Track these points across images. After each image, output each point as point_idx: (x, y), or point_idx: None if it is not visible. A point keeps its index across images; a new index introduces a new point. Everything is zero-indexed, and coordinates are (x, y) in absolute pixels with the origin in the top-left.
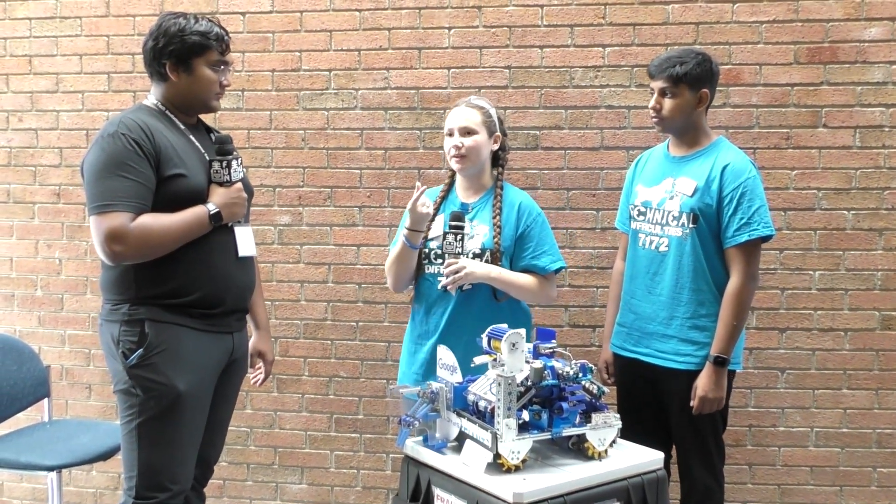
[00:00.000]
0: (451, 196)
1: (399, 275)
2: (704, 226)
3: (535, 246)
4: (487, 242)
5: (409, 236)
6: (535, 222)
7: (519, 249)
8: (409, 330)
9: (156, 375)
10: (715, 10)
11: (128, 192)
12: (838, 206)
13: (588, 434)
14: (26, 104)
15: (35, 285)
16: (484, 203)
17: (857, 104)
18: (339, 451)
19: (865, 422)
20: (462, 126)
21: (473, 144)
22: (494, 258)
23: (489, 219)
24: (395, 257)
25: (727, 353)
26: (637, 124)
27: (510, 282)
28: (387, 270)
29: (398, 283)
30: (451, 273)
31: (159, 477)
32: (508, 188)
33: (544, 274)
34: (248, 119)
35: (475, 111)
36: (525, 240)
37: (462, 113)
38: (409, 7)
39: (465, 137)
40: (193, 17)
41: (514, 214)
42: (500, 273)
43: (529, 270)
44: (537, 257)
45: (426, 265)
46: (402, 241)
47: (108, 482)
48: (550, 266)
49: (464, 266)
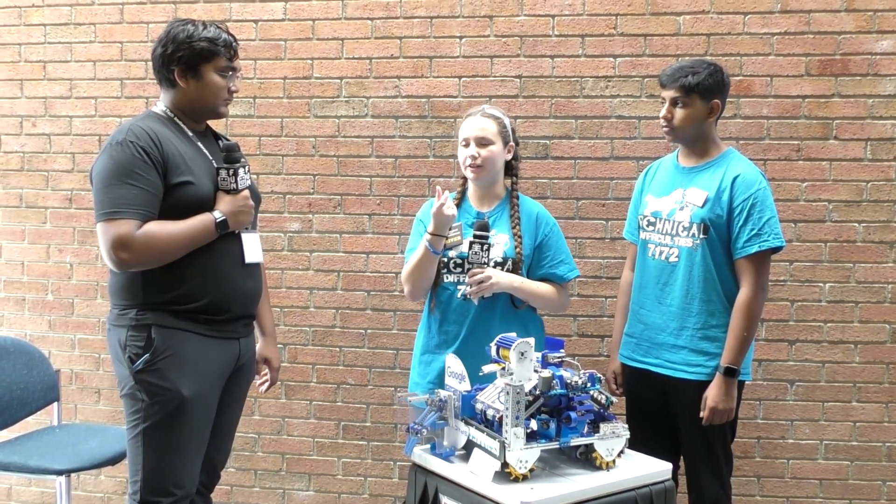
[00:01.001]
0: (465, 205)
1: (418, 282)
2: (715, 236)
3: (553, 255)
4: (509, 251)
5: (431, 241)
6: (552, 232)
7: (537, 259)
8: (424, 340)
9: (161, 380)
10: (726, 21)
11: (135, 199)
12: (849, 218)
13: (596, 444)
14: (40, 109)
15: (46, 289)
16: (500, 212)
17: (869, 116)
18: (347, 459)
19: (875, 435)
20: (478, 136)
21: (489, 155)
22: (515, 267)
23: (507, 228)
24: (416, 265)
25: (737, 364)
26: (647, 135)
27: (531, 291)
28: (405, 279)
29: (417, 290)
30: (476, 283)
31: (164, 482)
32: (522, 198)
33: (562, 282)
34: (259, 126)
35: (490, 121)
36: (543, 249)
37: (478, 123)
38: (421, 16)
39: (481, 148)
40: (202, 24)
41: (532, 224)
42: (522, 282)
43: (547, 279)
44: (556, 266)
45: (444, 274)
46: (425, 247)
47: (116, 487)
48: (568, 275)
49: (490, 276)
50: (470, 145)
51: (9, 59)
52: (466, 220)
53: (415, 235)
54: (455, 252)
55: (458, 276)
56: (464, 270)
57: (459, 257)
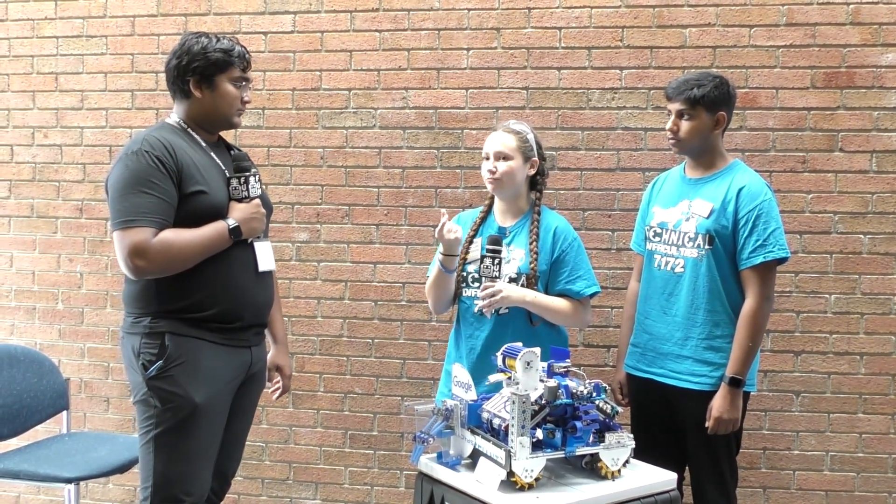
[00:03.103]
0: (490, 219)
1: (438, 298)
2: (720, 247)
3: (571, 271)
4: (524, 267)
5: (443, 261)
6: (570, 247)
7: (554, 274)
8: (451, 351)
9: (174, 387)
10: (732, 34)
11: (150, 208)
12: (854, 229)
13: (601, 453)
14: (51, 120)
15: (56, 299)
16: (521, 227)
17: (874, 129)
18: (354, 468)
19: (881, 447)
20: (497, 151)
21: (507, 170)
22: (530, 283)
23: (526, 243)
24: (433, 282)
25: (742, 375)
26: (653, 146)
27: (545, 306)
28: (427, 293)
29: (438, 305)
30: (487, 296)
31: (174, 488)
32: (546, 212)
33: (579, 298)
34: (268, 137)
35: (511, 136)
36: (560, 264)
37: (498, 138)
38: (429, 28)
39: (499, 162)
40: (215, 37)
41: (549, 239)
42: (535, 297)
43: (564, 295)
44: (572, 282)
45: (464, 288)
46: (438, 267)
47: (125, 495)
48: (585, 291)
49: (500, 290)
50: (489, 159)
51: (22, 71)
52: (488, 233)
53: (438, 252)
54: (474, 266)
55: (475, 290)
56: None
57: (477, 272)
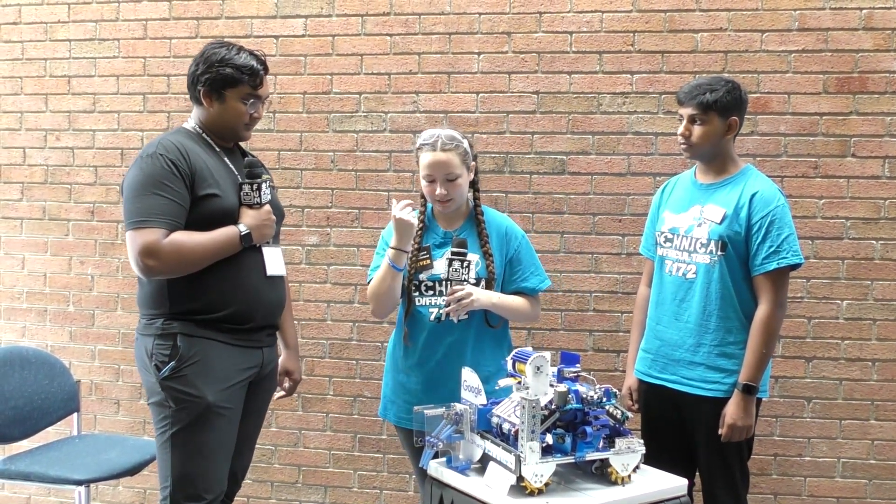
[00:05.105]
0: (432, 225)
1: (383, 301)
2: (733, 253)
3: (524, 268)
4: (481, 271)
5: (393, 256)
6: (521, 246)
7: (509, 273)
8: (397, 359)
9: (187, 387)
10: (744, 38)
11: (163, 209)
12: (867, 235)
13: (611, 459)
14: (64, 123)
15: (67, 301)
16: (468, 231)
17: (887, 134)
18: (363, 471)
19: (894, 454)
20: (445, 174)
21: (458, 189)
22: (489, 285)
23: (477, 248)
24: (379, 282)
25: (756, 381)
26: (664, 151)
27: (509, 306)
28: (369, 297)
29: (382, 308)
30: (457, 300)
31: (193, 486)
32: (487, 211)
33: (534, 294)
34: (278, 140)
35: (453, 154)
36: (514, 263)
37: (442, 160)
38: (440, 32)
39: (449, 184)
40: (236, 50)
41: (502, 240)
42: (500, 298)
43: (520, 292)
44: (527, 279)
45: (416, 297)
46: (387, 263)
47: (135, 497)
48: (540, 286)
49: (470, 293)
50: (435, 182)
51: (35, 74)
52: (434, 240)
53: (378, 254)
54: (426, 275)
55: (431, 298)
56: (436, 293)
57: (430, 280)
